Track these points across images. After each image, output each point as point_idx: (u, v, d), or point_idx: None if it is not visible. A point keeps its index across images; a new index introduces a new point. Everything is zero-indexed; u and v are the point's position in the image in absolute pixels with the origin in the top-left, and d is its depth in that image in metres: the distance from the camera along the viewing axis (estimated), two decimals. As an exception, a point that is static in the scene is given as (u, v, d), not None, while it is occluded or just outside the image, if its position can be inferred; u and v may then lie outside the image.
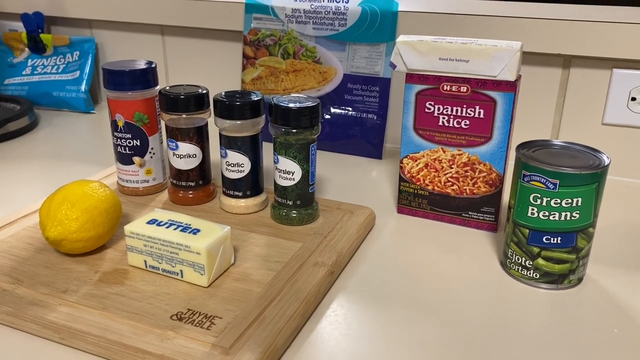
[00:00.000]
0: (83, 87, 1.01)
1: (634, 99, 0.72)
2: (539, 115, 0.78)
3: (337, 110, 0.84)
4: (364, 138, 0.83)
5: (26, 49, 1.05)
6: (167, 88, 0.61)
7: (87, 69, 1.02)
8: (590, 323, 0.47)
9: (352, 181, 0.75)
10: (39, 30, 1.03)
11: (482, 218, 0.62)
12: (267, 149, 0.65)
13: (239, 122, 0.58)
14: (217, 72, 0.95)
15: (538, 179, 0.49)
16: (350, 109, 0.83)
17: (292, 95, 0.58)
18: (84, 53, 1.03)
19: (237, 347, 0.41)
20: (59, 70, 1.03)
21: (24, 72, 1.03)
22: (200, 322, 0.43)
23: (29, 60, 1.04)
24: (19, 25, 1.06)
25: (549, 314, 0.48)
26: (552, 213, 0.49)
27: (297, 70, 0.86)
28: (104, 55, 1.05)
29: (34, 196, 0.68)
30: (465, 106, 0.59)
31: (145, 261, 0.50)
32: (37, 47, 1.04)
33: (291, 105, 0.55)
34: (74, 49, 1.03)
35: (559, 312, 0.49)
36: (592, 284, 0.53)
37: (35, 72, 1.03)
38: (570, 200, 0.48)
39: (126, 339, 0.41)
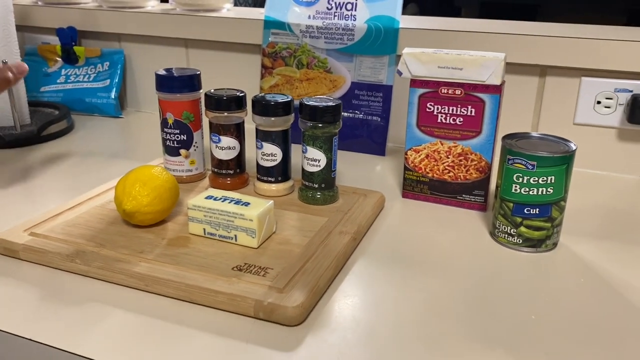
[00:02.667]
0: (113, 94, 1.12)
1: (599, 102, 0.86)
2: (521, 117, 0.91)
3: (346, 114, 0.96)
4: (369, 138, 0.95)
5: (59, 59, 1.16)
6: (212, 91, 0.72)
7: (116, 78, 1.13)
8: (563, 277, 0.59)
9: (360, 174, 0.87)
10: (72, 43, 1.14)
11: (473, 200, 0.74)
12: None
13: (272, 118, 0.70)
14: (238, 79, 1.07)
15: (520, 161, 0.61)
16: (357, 112, 0.96)
17: (318, 97, 0.70)
18: (113, 64, 1.14)
19: (288, 287, 0.52)
20: (90, 79, 1.14)
21: (58, 81, 1.14)
22: (256, 271, 0.55)
23: (63, 70, 1.15)
24: (51, 39, 1.18)
25: (530, 272, 0.60)
26: (531, 189, 0.61)
27: (310, 78, 0.98)
28: (131, 66, 1.16)
29: (87, 185, 0.79)
30: (459, 106, 0.71)
31: (204, 229, 0.61)
32: (69, 58, 1.15)
33: (318, 104, 0.67)
34: (104, 59, 1.14)
35: (538, 270, 0.61)
36: (564, 248, 0.65)
37: (69, 80, 1.14)
38: (545, 178, 0.61)
39: (200, 283, 0.53)
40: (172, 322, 0.50)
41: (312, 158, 0.69)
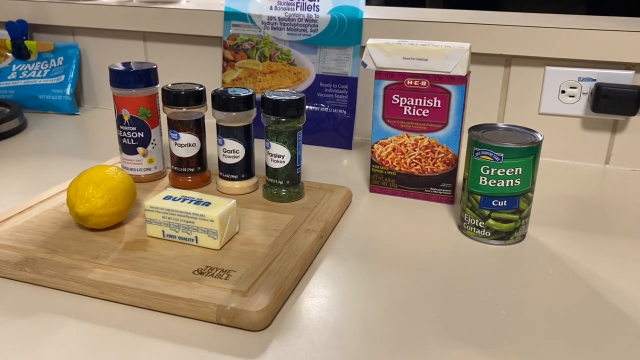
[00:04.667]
0: (68, 91, 1.07)
1: (563, 92, 0.85)
2: (486, 108, 0.90)
3: (311, 107, 0.94)
4: (336, 131, 0.93)
5: (10, 55, 1.10)
6: (169, 85, 0.69)
7: (71, 74, 1.08)
8: (532, 270, 0.59)
9: (327, 168, 0.85)
10: (23, 37, 1.09)
11: (441, 193, 0.73)
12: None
13: (234, 113, 0.67)
14: (199, 74, 1.04)
15: (487, 153, 0.60)
16: (322, 105, 0.94)
17: (281, 90, 0.68)
18: (67, 59, 1.09)
19: (252, 290, 0.50)
20: (44, 75, 1.09)
21: (9, 77, 1.09)
22: (218, 274, 0.52)
23: (14, 66, 1.10)
24: (1, 33, 1.12)
25: (500, 265, 0.59)
26: (498, 181, 0.60)
27: (273, 71, 0.95)
28: (87, 61, 1.12)
29: (40, 187, 0.75)
30: (425, 98, 0.70)
31: (163, 231, 0.58)
32: (20, 54, 1.10)
33: (281, 98, 0.65)
34: (58, 54, 1.09)
35: (507, 263, 0.60)
36: (533, 240, 0.65)
37: (21, 76, 1.09)
38: (512, 170, 0.60)
39: (159, 289, 0.50)
40: (129, 332, 0.48)
41: (276, 154, 0.67)
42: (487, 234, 0.63)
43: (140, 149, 0.72)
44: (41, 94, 1.07)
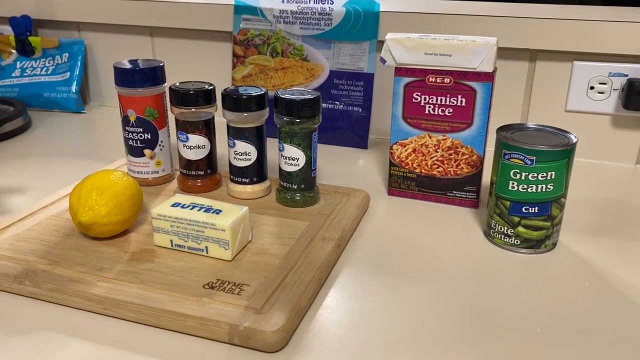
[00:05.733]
0: (74, 88, 1.04)
1: (592, 87, 0.81)
2: (510, 104, 0.86)
3: (325, 105, 0.90)
4: (351, 130, 0.89)
5: (14, 51, 1.07)
6: (177, 84, 0.66)
7: (77, 71, 1.05)
8: (564, 280, 0.55)
9: (342, 169, 0.81)
10: (27, 33, 1.05)
11: (465, 196, 0.69)
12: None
13: (245, 114, 0.63)
14: (208, 70, 1.00)
15: (517, 156, 0.56)
16: (337, 102, 0.90)
17: (295, 88, 0.64)
18: (73, 55, 1.06)
19: (267, 307, 0.46)
20: (49, 72, 1.05)
21: (13, 74, 1.06)
22: (230, 289, 0.49)
23: (18, 63, 1.07)
24: (4, 28, 1.09)
25: (531, 276, 0.55)
26: (530, 186, 0.56)
27: (285, 67, 0.91)
28: (93, 57, 1.08)
29: (44, 189, 0.72)
30: (448, 96, 0.65)
31: (171, 240, 0.55)
32: (25, 50, 1.06)
33: (295, 97, 0.61)
34: (63, 51, 1.06)
35: (537, 273, 0.56)
36: (564, 248, 0.60)
37: (25, 74, 1.06)
38: (545, 174, 0.55)
39: (167, 306, 0.46)
40: (134, 352, 0.44)
41: (290, 157, 0.63)
42: (517, 242, 0.59)
43: (147, 151, 0.68)
44: (46, 92, 1.04)
